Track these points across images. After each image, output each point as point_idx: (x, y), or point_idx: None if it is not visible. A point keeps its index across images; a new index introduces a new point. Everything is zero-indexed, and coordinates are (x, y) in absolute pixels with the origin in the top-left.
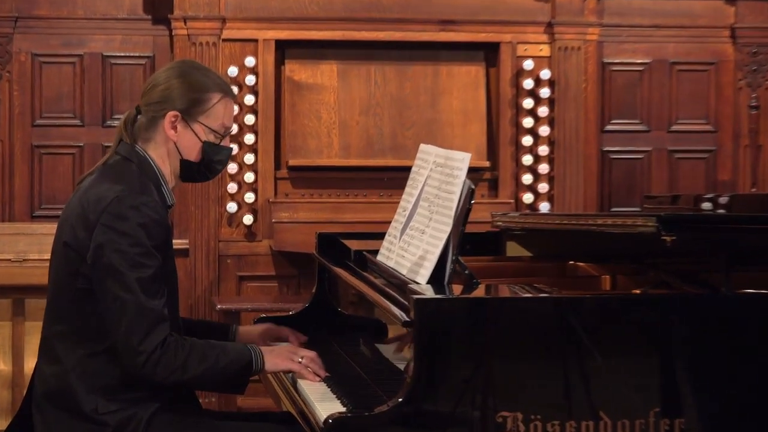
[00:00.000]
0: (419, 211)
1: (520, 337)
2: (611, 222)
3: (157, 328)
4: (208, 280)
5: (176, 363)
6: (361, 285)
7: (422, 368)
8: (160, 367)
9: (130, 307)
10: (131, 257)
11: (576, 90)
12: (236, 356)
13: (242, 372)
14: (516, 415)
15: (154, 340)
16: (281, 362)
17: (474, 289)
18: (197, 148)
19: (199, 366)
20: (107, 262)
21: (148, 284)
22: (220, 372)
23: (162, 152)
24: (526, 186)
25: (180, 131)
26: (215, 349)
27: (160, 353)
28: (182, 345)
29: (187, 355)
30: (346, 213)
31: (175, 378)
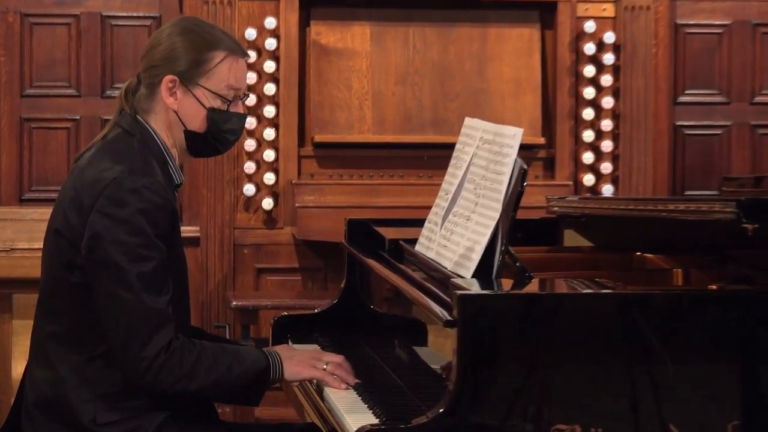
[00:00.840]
0: (464, 195)
1: (579, 340)
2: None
3: (161, 331)
4: (221, 273)
5: (182, 370)
6: (397, 279)
7: (467, 374)
8: (163, 375)
9: (129, 308)
10: (131, 249)
11: (644, 56)
12: (251, 364)
13: (258, 382)
14: (574, 428)
15: (157, 344)
16: (303, 370)
17: (526, 284)
18: (201, 116)
19: (209, 375)
20: (104, 255)
21: (150, 279)
22: (232, 382)
23: (164, 124)
24: (587, 166)
25: (180, 97)
26: (228, 356)
27: (164, 359)
28: (189, 350)
29: (194, 361)
30: (380, 196)
31: (181, 387)
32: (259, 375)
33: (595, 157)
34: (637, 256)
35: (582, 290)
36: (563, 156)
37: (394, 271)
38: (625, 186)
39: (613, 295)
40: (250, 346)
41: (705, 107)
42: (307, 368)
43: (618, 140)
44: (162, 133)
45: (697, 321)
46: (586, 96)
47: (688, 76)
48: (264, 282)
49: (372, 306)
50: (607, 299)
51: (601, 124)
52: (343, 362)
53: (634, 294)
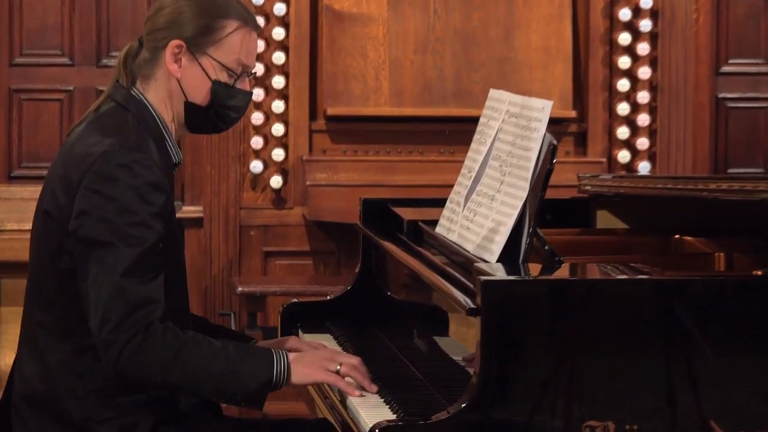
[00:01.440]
0: (489, 173)
1: (613, 329)
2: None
3: (139, 311)
4: (226, 257)
5: (162, 356)
6: (416, 263)
7: (491, 367)
8: (139, 361)
9: (107, 287)
10: (118, 228)
11: (684, 22)
12: (252, 360)
13: (258, 382)
14: (607, 425)
15: (133, 325)
16: (313, 373)
17: (556, 269)
18: (205, 88)
19: (196, 366)
20: (89, 234)
21: (135, 262)
22: (225, 379)
23: (163, 94)
24: (622, 141)
25: (185, 65)
26: (223, 350)
27: (140, 341)
28: (174, 334)
29: (179, 348)
30: (398, 174)
31: (161, 377)
32: (260, 374)
33: (630, 132)
34: (675, 239)
35: (616, 276)
36: (596, 131)
37: (413, 255)
38: (662, 163)
39: (649, 281)
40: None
41: (749, 78)
42: (318, 371)
43: (655, 114)
44: (160, 105)
45: (740, 309)
46: (621, 66)
47: (732, 44)
48: (272, 266)
49: (389, 292)
50: (644, 286)
51: (637, 96)
52: (359, 364)
53: (672, 280)
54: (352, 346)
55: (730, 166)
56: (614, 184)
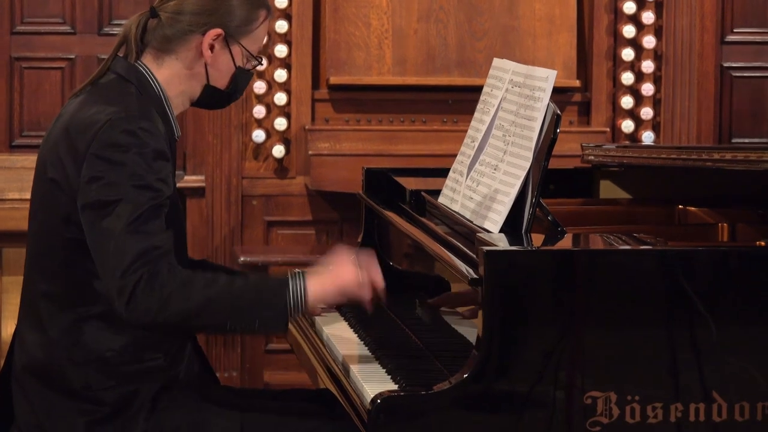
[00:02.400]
0: (492, 142)
1: (616, 300)
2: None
3: (147, 256)
4: (228, 227)
5: (170, 287)
6: (419, 233)
7: (493, 338)
8: (150, 296)
9: (116, 242)
10: (127, 190)
11: None
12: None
13: (273, 297)
14: (608, 396)
15: (141, 267)
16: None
17: (559, 240)
18: (229, 73)
19: (208, 292)
20: (97, 198)
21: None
22: (238, 298)
23: (181, 72)
24: (626, 111)
25: (216, 52)
26: (233, 272)
27: (148, 277)
28: (180, 271)
29: (188, 277)
30: (401, 143)
31: (176, 308)
32: (273, 288)
33: (634, 102)
34: (679, 209)
35: (619, 246)
36: (600, 100)
37: (416, 225)
38: (667, 133)
39: (653, 251)
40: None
41: (755, 47)
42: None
43: (660, 83)
44: (171, 80)
45: (744, 280)
46: (626, 35)
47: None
48: (274, 236)
49: (391, 262)
50: (647, 256)
51: (642, 65)
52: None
53: (676, 250)
54: (354, 316)
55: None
56: (618, 154)
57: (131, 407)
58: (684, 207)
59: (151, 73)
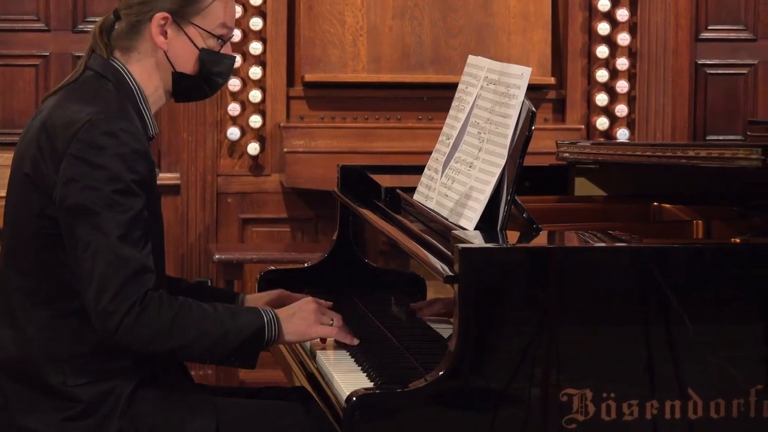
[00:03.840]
0: (467, 140)
1: (591, 297)
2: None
3: (136, 281)
4: (203, 224)
5: (159, 324)
6: (394, 231)
7: (469, 335)
8: (138, 330)
9: (103, 256)
10: (107, 195)
11: None
12: (243, 320)
13: (250, 345)
14: (584, 393)
15: (131, 295)
16: (308, 329)
17: (534, 237)
18: (193, 57)
19: (191, 331)
20: (77, 202)
21: (127, 229)
22: (219, 341)
23: (148, 65)
24: (601, 108)
25: (171, 37)
26: (214, 312)
27: (138, 311)
28: (169, 302)
29: (174, 315)
30: (376, 141)
31: (160, 346)
32: (252, 337)
33: (609, 99)
34: (654, 206)
35: (594, 243)
36: (575, 97)
37: (391, 222)
38: (641, 130)
39: (628, 248)
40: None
41: (729, 44)
42: (314, 326)
43: (634, 80)
44: (142, 76)
45: (719, 276)
46: (600, 32)
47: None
48: (249, 233)
49: (366, 260)
50: (622, 253)
51: (617, 62)
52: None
53: (651, 247)
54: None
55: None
56: (593, 151)
57: (106, 405)
58: (659, 204)
59: (126, 69)
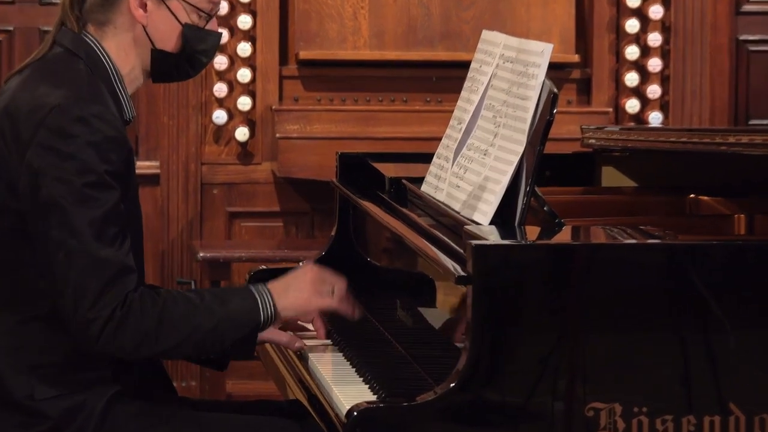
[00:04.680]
0: (481, 124)
1: (620, 300)
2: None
3: (116, 285)
4: (185, 219)
5: (145, 327)
6: (399, 226)
7: (483, 343)
8: (122, 336)
9: (78, 258)
10: (78, 189)
11: None
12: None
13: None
14: (612, 408)
15: (112, 300)
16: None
17: (556, 233)
18: (175, 33)
19: (180, 328)
20: (46, 197)
21: (102, 226)
22: (211, 333)
23: (124, 42)
24: (630, 89)
25: (151, 10)
26: (202, 303)
27: (120, 316)
28: (152, 301)
29: (160, 314)
30: (379, 125)
31: (148, 349)
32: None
33: (640, 79)
34: (690, 198)
35: (624, 240)
36: (601, 77)
37: (396, 217)
38: (676, 113)
39: (661, 245)
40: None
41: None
42: (313, 298)
43: (668, 58)
44: (118, 54)
45: (763, 278)
46: (630, 4)
47: None
48: (237, 229)
49: (369, 258)
50: (655, 251)
51: (648, 38)
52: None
53: (686, 245)
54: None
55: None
56: (622, 137)
57: (77, 421)
58: (696, 196)
59: (99, 45)
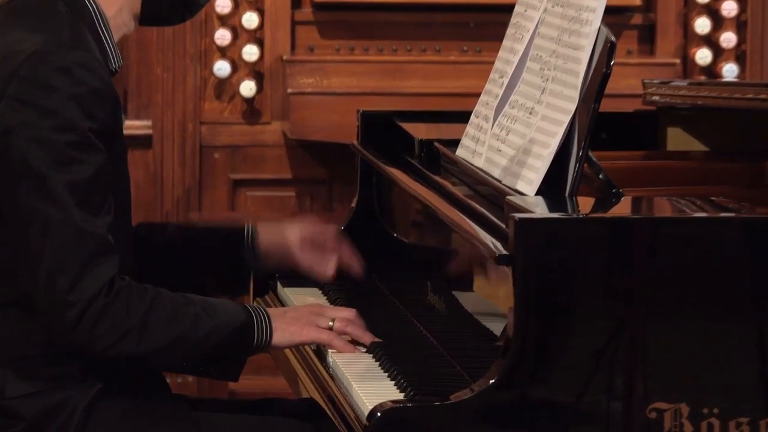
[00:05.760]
0: (526, 78)
1: (688, 284)
2: None
3: (100, 264)
4: (182, 187)
5: (129, 322)
6: (431, 197)
7: (528, 332)
8: (102, 328)
9: (55, 230)
10: (59, 150)
11: None
12: (227, 318)
13: (236, 347)
14: (678, 408)
15: (94, 284)
16: (301, 331)
17: (614, 204)
18: None
19: (167, 331)
20: (20, 158)
21: (84, 192)
22: (200, 344)
23: None
24: (701, 37)
25: None
26: (194, 306)
27: (103, 304)
28: (140, 294)
29: (147, 311)
30: (408, 79)
31: (127, 348)
32: (238, 336)
33: (712, 25)
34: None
35: (693, 213)
36: (667, 23)
37: (427, 185)
38: (754, 66)
39: (736, 219)
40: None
41: None
42: (307, 328)
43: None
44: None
45: None
46: None
47: None
48: (242, 199)
49: (395, 234)
50: (729, 226)
51: None
52: (354, 317)
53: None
54: (346, 303)
55: None
56: (690, 93)
57: (56, 422)
58: None
59: None
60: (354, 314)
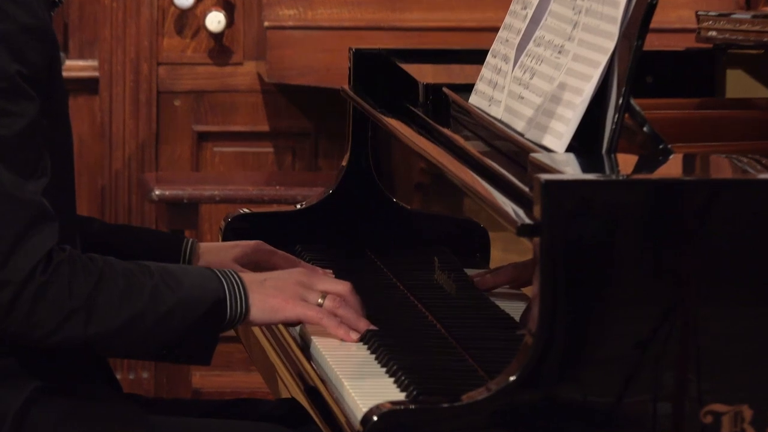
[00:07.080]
0: (554, 10)
1: (752, 260)
2: None
3: (35, 234)
4: (135, 142)
5: (73, 303)
6: (439, 154)
7: (557, 319)
8: (41, 311)
9: None
10: None
11: None
12: (194, 290)
13: (205, 322)
14: (739, 411)
15: (29, 257)
16: (284, 306)
17: (661, 163)
18: None
19: (119, 310)
20: None
21: (13, 150)
22: (161, 322)
23: None
24: None
25: None
26: (151, 276)
27: (42, 281)
28: (84, 267)
29: (94, 285)
30: (408, 11)
31: (72, 333)
32: (207, 308)
33: None
34: None
35: (757, 174)
36: None
37: (434, 140)
38: None
39: None
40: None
41: None
42: (291, 302)
43: None
44: None
45: None
46: None
47: None
48: (209, 156)
49: (394, 199)
50: None
51: None
52: (349, 294)
53: None
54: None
55: None
56: (755, 27)
57: None
58: None
59: None
60: (349, 289)
